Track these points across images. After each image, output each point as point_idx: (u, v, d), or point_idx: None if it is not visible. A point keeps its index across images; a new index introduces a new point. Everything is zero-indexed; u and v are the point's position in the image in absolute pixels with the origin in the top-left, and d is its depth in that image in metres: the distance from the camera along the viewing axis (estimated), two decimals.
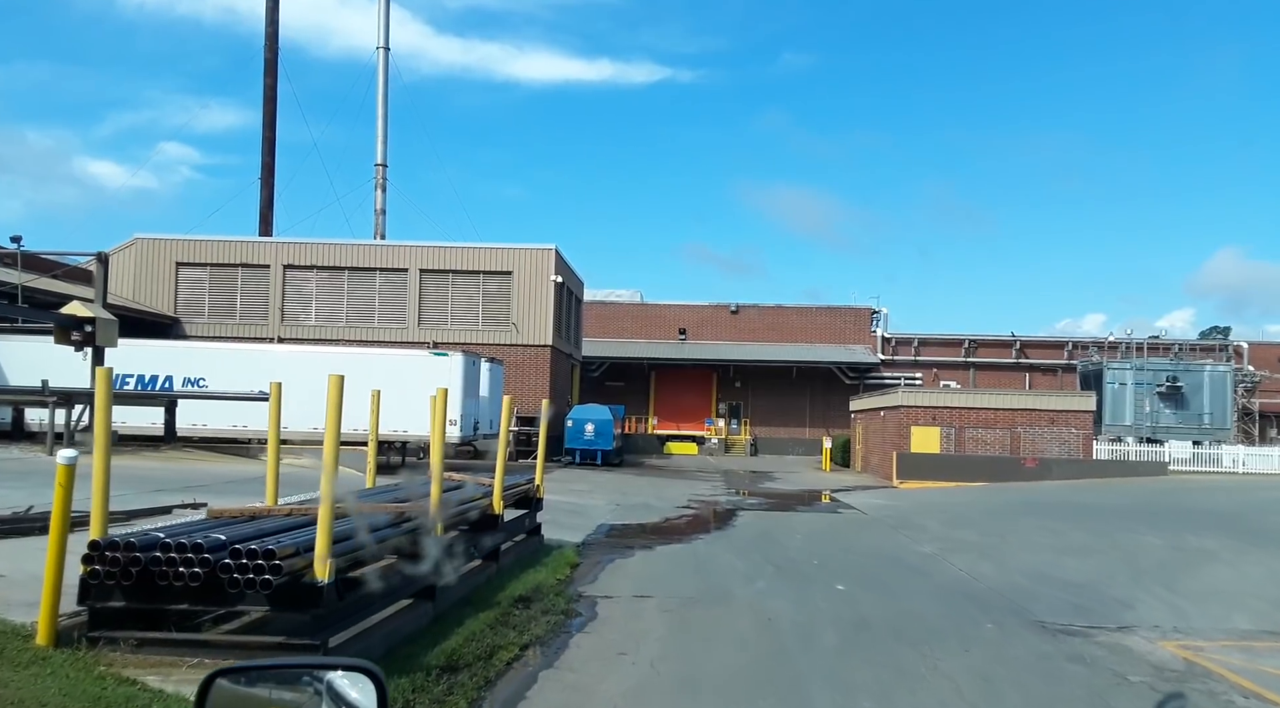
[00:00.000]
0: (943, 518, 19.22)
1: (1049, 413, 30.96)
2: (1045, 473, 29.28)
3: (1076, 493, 25.30)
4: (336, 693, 2.04)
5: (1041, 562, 13.64)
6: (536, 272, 37.54)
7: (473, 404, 27.52)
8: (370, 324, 37.16)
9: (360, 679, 2.03)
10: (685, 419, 52.74)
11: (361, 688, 2.02)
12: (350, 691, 2.03)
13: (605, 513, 18.60)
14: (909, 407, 31.52)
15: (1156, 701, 6.81)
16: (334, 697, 2.04)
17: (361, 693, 2.01)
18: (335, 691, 2.04)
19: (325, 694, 2.04)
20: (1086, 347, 53.08)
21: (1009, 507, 22.01)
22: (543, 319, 37.46)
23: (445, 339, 35.44)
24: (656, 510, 19.68)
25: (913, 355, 53.65)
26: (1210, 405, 39.46)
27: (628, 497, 22.68)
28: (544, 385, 37.40)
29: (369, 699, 1.99)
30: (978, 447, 31.14)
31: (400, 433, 26.34)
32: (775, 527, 17.37)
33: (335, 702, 2.03)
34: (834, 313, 54.75)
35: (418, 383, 26.33)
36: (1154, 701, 6.81)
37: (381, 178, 44.14)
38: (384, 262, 37.58)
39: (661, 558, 13.06)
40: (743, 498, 23.82)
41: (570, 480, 27.16)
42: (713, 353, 52.03)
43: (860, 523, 18.48)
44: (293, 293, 37.65)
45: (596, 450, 35.23)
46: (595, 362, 50.99)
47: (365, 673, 2.03)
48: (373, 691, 2.00)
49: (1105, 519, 18.95)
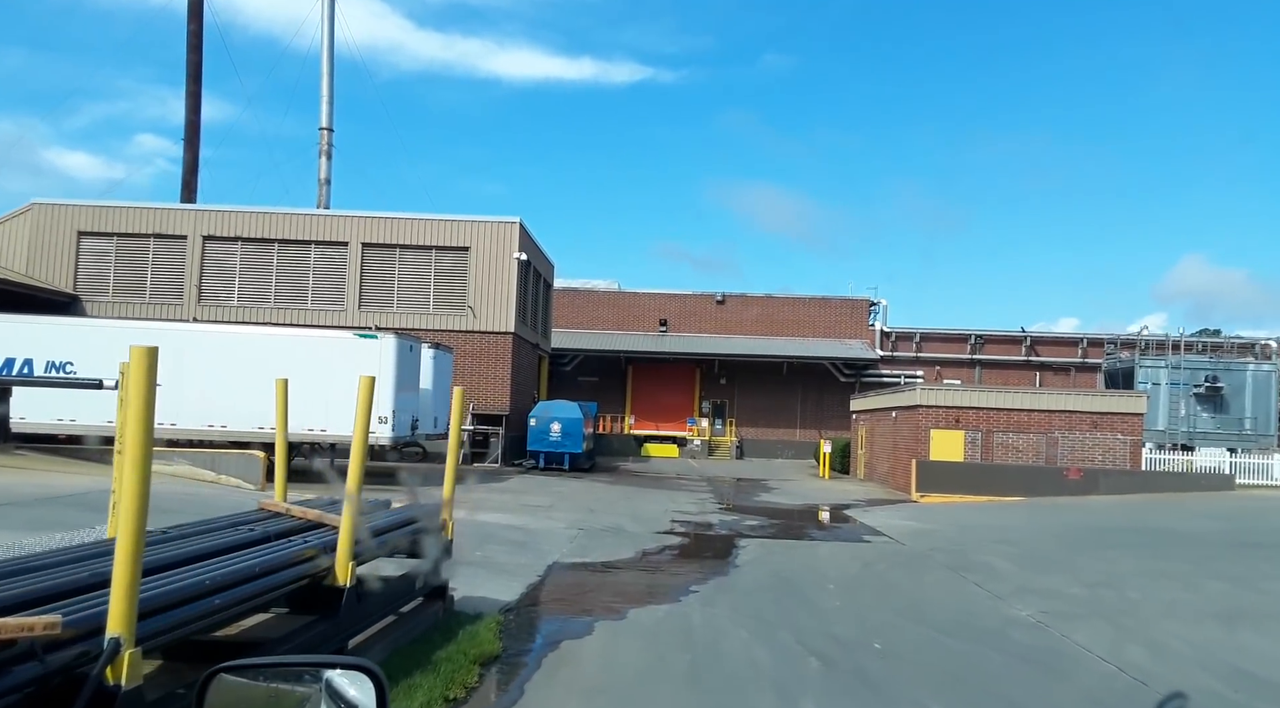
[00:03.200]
0: (1007, 552, 14.59)
1: (1091, 416, 26.52)
2: (1091, 486, 24.81)
3: (1143, 514, 20.83)
4: (335, 692, 1.99)
5: (1210, 640, 9.03)
6: (497, 248, 32.67)
7: (410, 398, 22.62)
8: (303, 305, 32.13)
9: (359, 678, 1.98)
10: (665, 418, 48.02)
11: (361, 687, 1.96)
12: (349, 689, 1.98)
13: (562, 544, 13.80)
14: (928, 407, 26.97)
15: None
16: (333, 695, 1.98)
17: (361, 692, 1.96)
18: (334, 689, 1.99)
19: (324, 693, 1.99)
20: (1101, 344, 49.03)
21: (1078, 534, 17.46)
22: (504, 303, 32.59)
23: (392, 324, 30.48)
24: (630, 539, 14.91)
25: (914, 352, 49.26)
26: (1253, 409, 35.28)
27: (595, 516, 17.90)
28: (504, 378, 32.56)
29: (368, 698, 1.93)
30: (1008, 454, 26.64)
31: (319, 432, 21.43)
32: (793, 567, 12.65)
33: (334, 700, 1.98)
34: (828, 304, 50.23)
35: (341, 371, 21.41)
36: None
37: (326, 143, 39.03)
38: (320, 233, 32.54)
39: (635, 639, 8.29)
40: (739, 517, 19.11)
41: (528, 491, 22.34)
42: (696, 346, 47.34)
43: (903, 559, 13.81)
44: (213, 268, 32.55)
45: (564, 453, 30.44)
46: (567, 354, 46.18)
47: (365, 672, 1.98)
48: (372, 690, 1.94)
49: (1222, 556, 14.44)
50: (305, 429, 21.35)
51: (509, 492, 21.64)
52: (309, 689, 2.06)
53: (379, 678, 1.97)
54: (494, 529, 14.55)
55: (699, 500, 22.78)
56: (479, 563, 11.32)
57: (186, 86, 35.24)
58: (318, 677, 2.05)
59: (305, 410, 21.29)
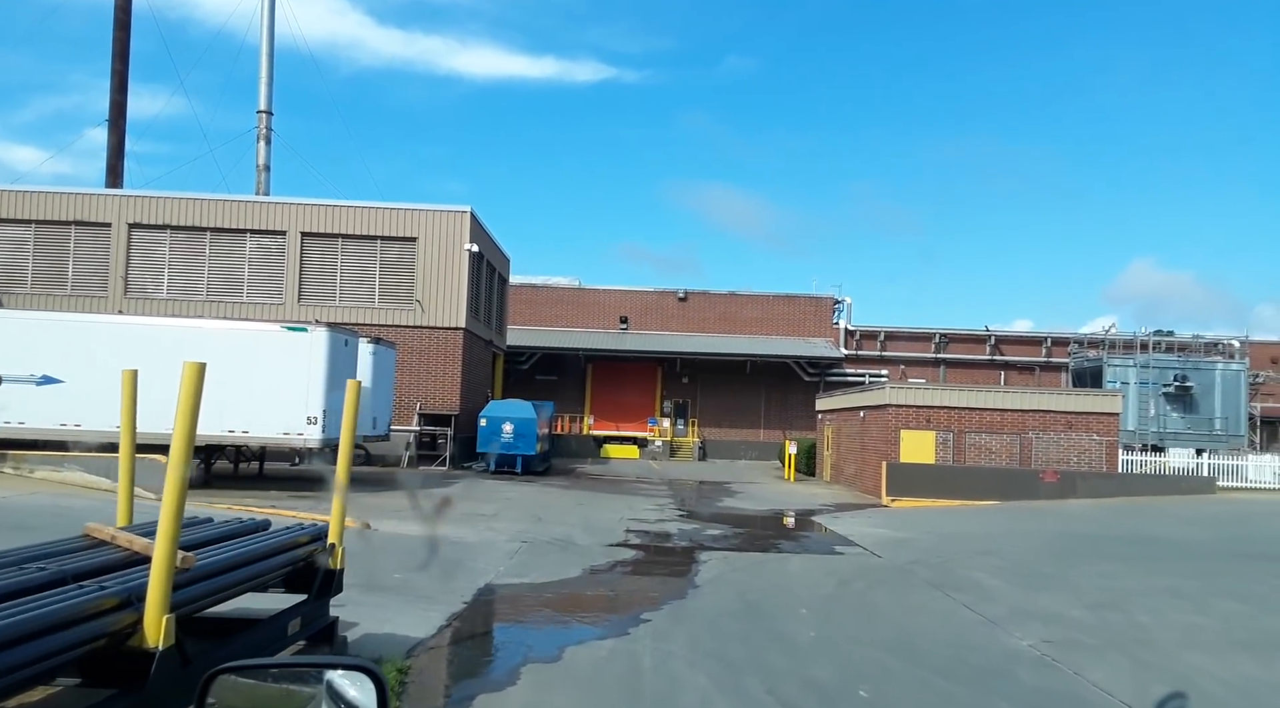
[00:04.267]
0: (994, 566, 13.27)
1: (1066, 416, 25.48)
2: (1068, 489, 23.74)
3: (1128, 520, 19.74)
4: (336, 692, 1.98)
5: (1246, 678, 7.73)
6: (447, 239, 30.89)
7: None
8: (238, 298, 30.09)
9: (360, 679, 1.97)
10: (626, 419, 46.51)
11: (361, 687, 1.95)
12: (350, 689, 1.97)
13: (500, 560, 12.19)
14: (898, 406, 25.74)
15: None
16: (333, 696, 1.98)
17: (361, 692, 1.95)
18: (335, 689, 1.98)
19: (325, 693, 1.98)
20: (1066, 343, 48.46)
21: (1064, 544, 16.24)
22: (454, 296, 30.83)
23: (334, 318, 28.57)
24: (579, 553, 13.33)
25: (879, 350, 48.33)
26: (1223, 409, 34.70)
27: (543, 525, 16.30)
28: (454, 375, 30.81)
29: (369, 699, 1.93)
30: (980, 456, 25.51)
31: (241, 433, 19.58)
32: (760, 587, 11.17)
33: (335, 701, 1.97)
34: (792, 302, 49.08)
35: (267, 367, 19.60)
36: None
37: (265, 128, 36.89)
38: (257, 222, 30.51)
39: (571, 690, 6.73)
40: (700, 526, 17.62)
41: (472, 497, 20.68)
42: (657, 344, 45.90)
43: (882, 576, 12.41)
44: (140, 258, 30.38)
45: (516, 456, 28.75)
46: (524, 352, 44.48)
47: (365, 672, 1.97)
48: (372, 690, 1.93)
49: (1227, 570, 13.27)
50: (226, 431, 19.53)
51: (445, 498, 19.95)
52: (310, 690, 2.02)
53: (380, 679, 1.93)
54: (419, 544, 12.89)
55: (658, 506, 21.28)
56: (396, 588, 9.69)
57: (112, 64, 32.98)
58: (319, 677, 2.02)
59: (226, 410, 19.42)
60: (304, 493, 19.67)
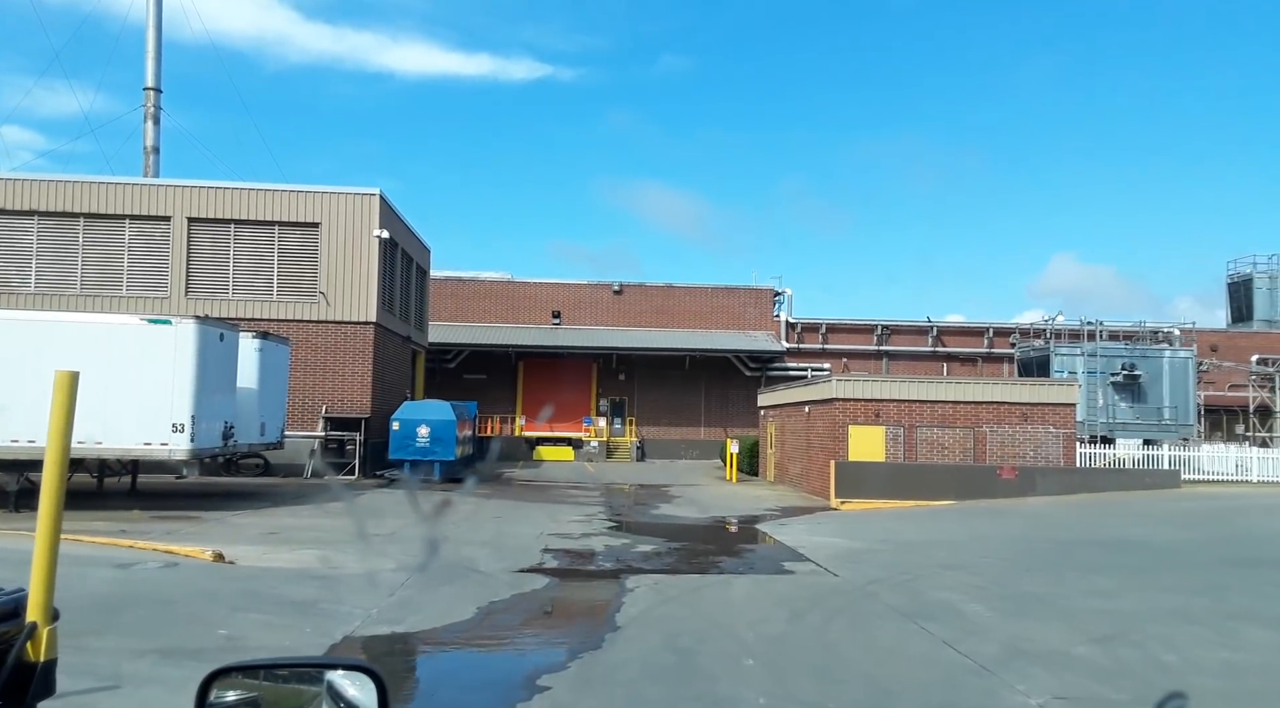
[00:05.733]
0: (968, 584, 11.34)
1: (1021, 407, 23.97)
2: (1027, 486, 22.18)
3: (1097, 520, 18.15)
4: (336, 692, 1.96)
5: None
6: (354, 224, 28.14)
7: (221, 400, 18.07)
8: (117, 292, 26.92)
9: (360, 679, 1.94)
10: (559, 419, 44.07)
11: (361, 687, 1.93)
12: (350, 689, 1.95)
13: (377, 598, 9.80)
14: (845, 400, 23.92)
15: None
16: (334, 696, 1.96)
17: (361, 692, 1.93)
18: (335, 690, 1.96)
19: (325, 693, 1.96)
20: (1008, 334, 47.63)
21: (1038, 552, 14.46)
22: (363, 288, 28.11)
23: (228, 313, 25.70)
24: (479, 584, 11.00)
25: (820, 343, 46.81)
26: (1171, 398, 33.79)
27: (445, 547, 13.90)
28: (364, 374, 28.10)
29: (369, 699, 1.91)
30: (932, 452, 23.84)
31: (93, 446, 16.71)
32: (697, 626, 9.00)
33: (335, 701, 1.95)
34: (732, 294, 47.26)
35: (124, 367, 16.76)
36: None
37: (153, 106, 33.49)
38: (137, 206, 27.35)
39: None
40: (631, 541, 15.41)
41: (373, 512, 18.16)
42: (591, 339, 43.62)
43: (841, 603, 10.34)
44: (3, 248, 27.00)
45: (433, 462, 26.19)
46: (450, 349, 41.79)
47: (366, 672, 1.94)
48: (373, 690, 1.90)
49: (1233, 582, 11.55)
50: (76, 442, 16.48)
51: (342, 515, 17.41)
52: (310, 690, 2.00)
53: (380, 679, 1.92)
54: (278, 579, 10.43)
55: (586, 516, 19.04)
56: (212, 650, 7.24)
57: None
58: (319, 677, 2.01)
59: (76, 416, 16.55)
60: (172, 514, 16.92)
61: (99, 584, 8.97)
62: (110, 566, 9.89)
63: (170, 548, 11.97)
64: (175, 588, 9.11)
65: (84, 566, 9.77)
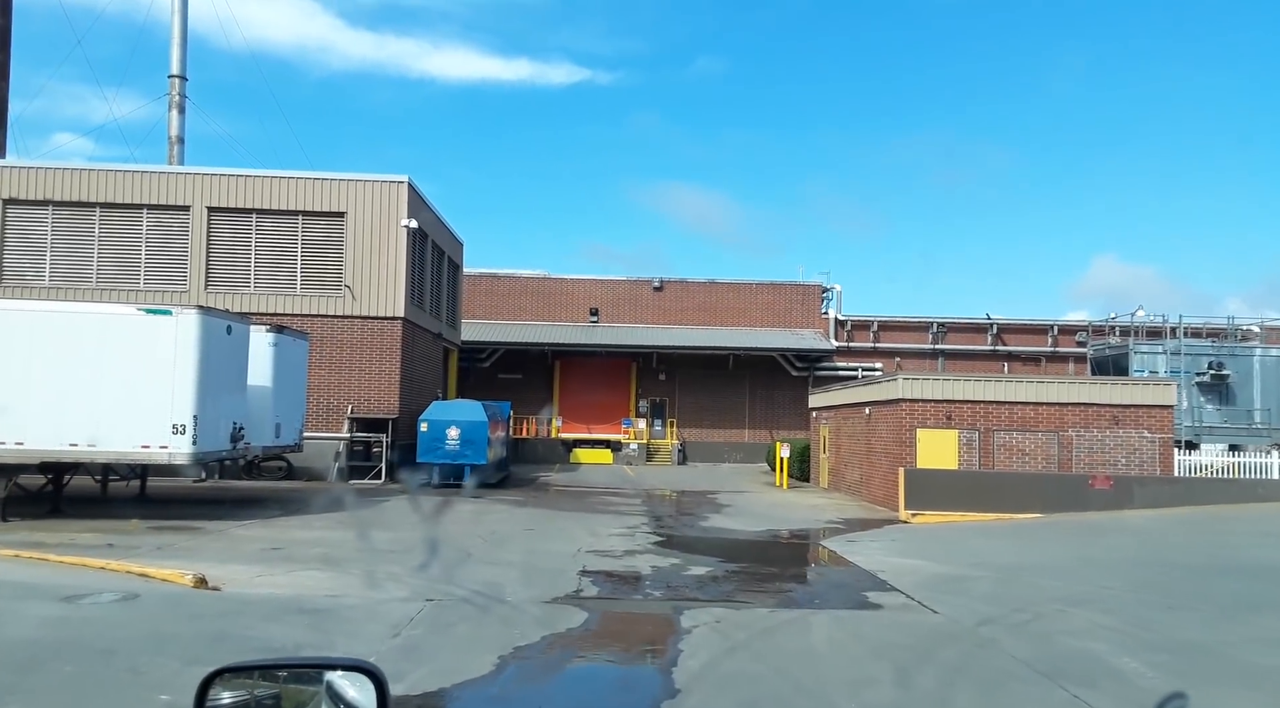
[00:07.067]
0: (1103, 626, 9.17)
1: (1111, 409, 21.55)
2: (1123, 498, 19.77)
3: (1217, 538, 15.78)
4: (336, 693, 1.96)
5: None
6: (381, 214, 26.52)
7: (230, 399, 16.40)
8: (134, 285, 25.56)
9: (360, 679, 1.94)
10: (597, 420, 42.24)
11: (361, 687, 1.93)
12: (349, 690, 1.95)
13: (379, 639, 7.92)
14: (912, 400, 21.70)
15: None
16: (333, 696, 1.96)
17: (361, 692, 1.93)
18: (334, 690, 1.96)
19: (325, 693, 1.96)
20: (1074, 331, 44.85)
21: (1170, 581, 12.19)
22: (391, 281, 26.46)
23: (248, 307, 24.19)
24: (503, 619, 9.08)
25: (872, 342, 44.39)
26: (1263, 399, 30.97)
27: (467, 568, 12.03)
28: (392, 373, 26.44)
29: (369, 699, 1.91)
30: (1011, 458, 21.51)
31: (86, 448, 15.13)
32: (776, 690, 7.00)
33: (335, 701, 1.95)
34: (777, 290, 45.03)
35: (119, 362, 15.13)
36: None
37: (178, 94, 32.22)
38: (155, 196, 25.97)
39: None
40: (682, 561, 13.39)
41: (388, 523, 16.38)
42: (631, 338, 41.69)
43: (953, 654, 8.25)
44: (18, 239, 25.76)
45: (463, 466, 24.41)
46: (484, 348, 40.13)
47: (365, 673, 1.94)
48: (372, 690, 1.90)
49: None
50: (67, 444, 15.07)
51: (355, 526, 15.62)
52: (310, 690, 1.99)
53: (380, 679, 1.91)
54: (261, 614, 8.59)
55: (629, 529, 17.07)
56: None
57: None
58: (319, 677, 2.00)
59: (67, 418, 14.97)
60: (172, 523, 15.27)
61: (28, 626, 7.20)
62: (55, 599, 8.13)
63: (146, 570, 10.22)
64: (123, 630, 7.31)
65: (22, 598, 8.04)
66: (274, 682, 2.03)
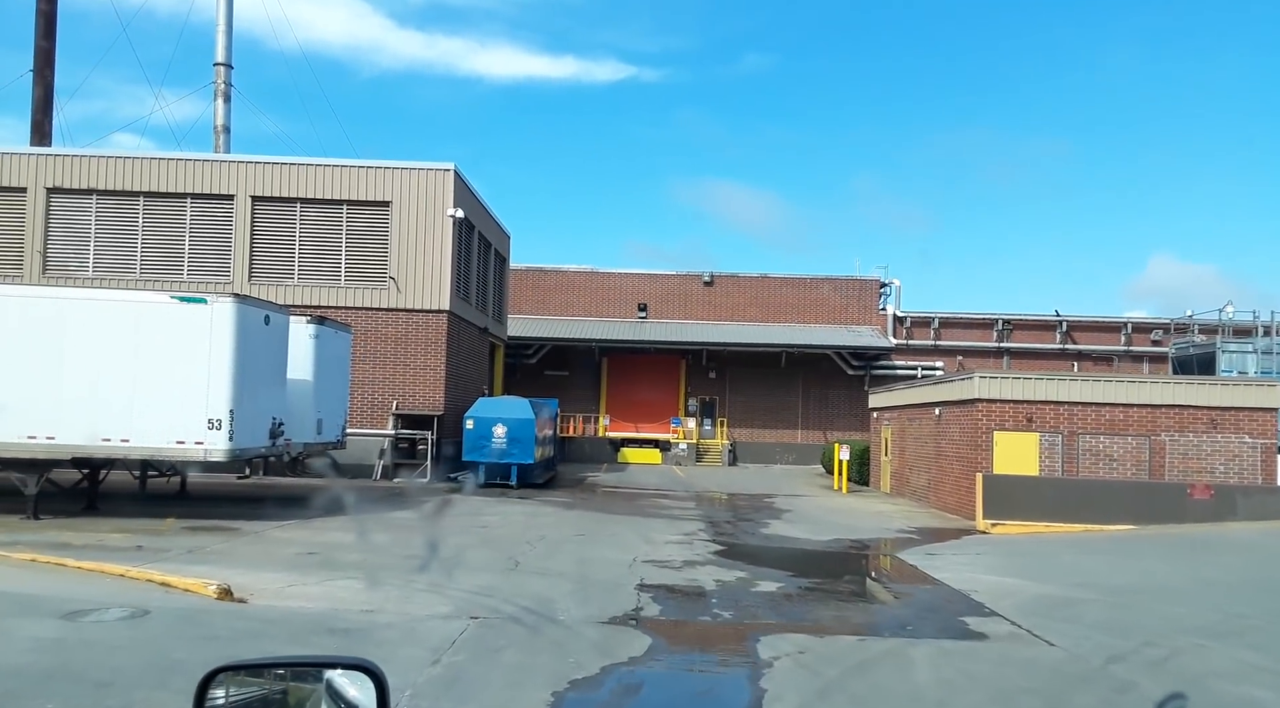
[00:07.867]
0: (1259, 666, 7.82)
1: (1209, 412, 19.83)
2: (1225, 510, 18.09)
3: None
4: (336, 691, 1.92)
5: None
6: (427, 204, 25.69)
7: (269, 392, 15.60)
8: (178, 275, 25.07)
9: (360, 678, 1.90)
10: (645, 418, 41.15)
11: (361, 686, 1.89)
12: (350, 689, 1.91)
13: (417, 665, 6.89)
14: (989, 401, 20.21)
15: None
16: (333, 695, 1.92)
17: (361, 691, 1.89)
18: (335, 689, 1.92)
19: (325, 693, 1.92)
20: (1149, 329, 42.57)
21: None
22: (436, 273, 25.63)
23: (291, 299, 23.53)
24: (556, 643, 8.00)
25: (932, 339, 42.58)
26: None
27: (515, 579, 10.99)
28: (438, 368, 25.61)
29: (369, 698, 1.86)
30: (1098, 464, 19.91)
31: (119, 443, 14.42)
32: None
33: (335, 700, 1.92)
34: (834, 285, 43.46)
35: (153, 354, 14.38)
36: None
37: (224, 83, 31.82)
38: (199, 184, 25.45)
39: None
40: (748, 574, 12.20)
41: (436, 526, 15.40)
42: (680, 334, 40.50)
43: (1093, 703, 6.94)
44: (61, 228, 25.43)
45: (510, 465, 23.48)
46: (531, 344, 39.27)
47: (365, 671, 1.89)
48: (372, 690, 1.85)
49: None
50: (99, 440, 14.35)
51: (400, 528, 14.67)
52: (310, 689, 1.95)
53: (380, 678, 1.87)
54: (284, 634, 7.60)
55: (685, 536, 15.92)
56: None
57: (37, 5, 28.01)
58: (318, 677, 1.96)
59: (99, 410, 14.24)
60: (209, 523, 14.50)
61: (17, 650, 6.28)
62: (56, 615, 7.24)
63: (167, 579, 9.34)
64: (124, 656, 6.36)
65: (19, 615, 7.16)
66: (274, 680, 2.00)
